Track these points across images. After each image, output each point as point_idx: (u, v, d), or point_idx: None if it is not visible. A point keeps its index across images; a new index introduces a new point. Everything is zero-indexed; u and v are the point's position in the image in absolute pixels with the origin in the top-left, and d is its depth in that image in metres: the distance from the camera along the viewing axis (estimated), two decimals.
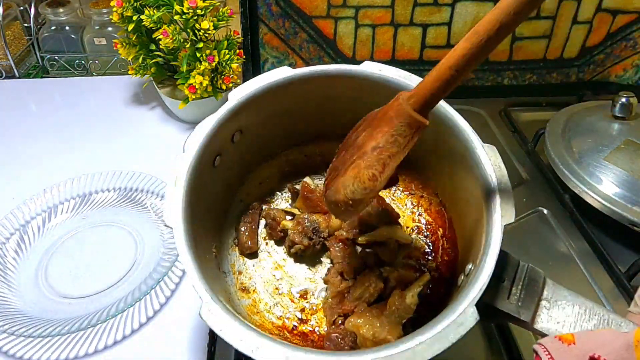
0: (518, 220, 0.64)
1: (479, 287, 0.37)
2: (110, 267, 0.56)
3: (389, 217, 0.54)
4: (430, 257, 0.54)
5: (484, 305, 0.37)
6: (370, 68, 0.51)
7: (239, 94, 0.49)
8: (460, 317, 0.36)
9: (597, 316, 0.39)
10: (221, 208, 0.55)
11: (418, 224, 0.57)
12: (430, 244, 0.55)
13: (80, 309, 0.51)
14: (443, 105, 0.48)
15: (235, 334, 0.35)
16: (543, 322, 0.39)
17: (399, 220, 0.55)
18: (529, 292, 0.40)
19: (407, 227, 0.57)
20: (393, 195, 0.60)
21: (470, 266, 0.43)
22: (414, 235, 0.56)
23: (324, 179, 0.49)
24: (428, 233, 0.56)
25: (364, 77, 0.51)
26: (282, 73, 0.50)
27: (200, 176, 0.45)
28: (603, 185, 0.61)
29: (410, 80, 0.49)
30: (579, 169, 0.63)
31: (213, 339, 0.51)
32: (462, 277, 0.45)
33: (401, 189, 0.60)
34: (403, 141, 0.38)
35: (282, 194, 0.61)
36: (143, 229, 0.60)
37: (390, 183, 0.46)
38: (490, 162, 0.45)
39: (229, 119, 0.49)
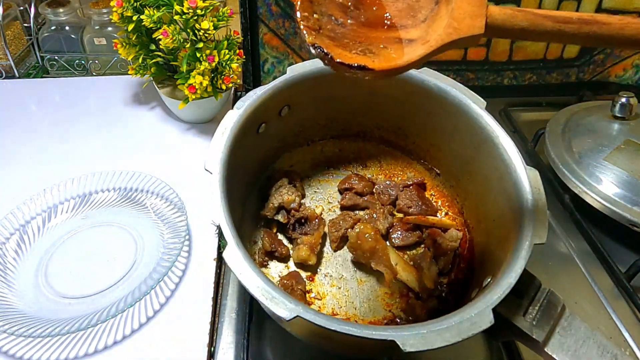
0: None
1: (499, 293, 0.37)
2: (110, 267, 0.56)
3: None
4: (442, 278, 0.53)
5: (498, 317, 0.37)
6: (427, 74, 0.53)
7: (297, 69, 0.52)
8: (476, 316, 0.36)
9: (610, 354, 0.38)
10: (250, 177, 0.58)
11: None
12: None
13: (80, 309, 0.51)
14: (489, 123, 0.50)
15: (252, 280, 0.37)
16: (555, 347, 0.38)
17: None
18: (545, 314, 0.39)
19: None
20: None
21: (489, 279, 0.43)
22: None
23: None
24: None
25: (418, 82, 0.53)
26: None
27: (244, 137, 0.48)
28: (603, 185, 0.61)
29: (465, 97, 0.52)
30: (579, 169, 0.63)
31: (213, 338, 0.51)
32: (477, 290, 0.45)
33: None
34: None
35: (309, 183, 0.62)
36: (143, 229, 0.60)
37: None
38: (529, 184, 0.44)
39: (282, 88, 0.51)
